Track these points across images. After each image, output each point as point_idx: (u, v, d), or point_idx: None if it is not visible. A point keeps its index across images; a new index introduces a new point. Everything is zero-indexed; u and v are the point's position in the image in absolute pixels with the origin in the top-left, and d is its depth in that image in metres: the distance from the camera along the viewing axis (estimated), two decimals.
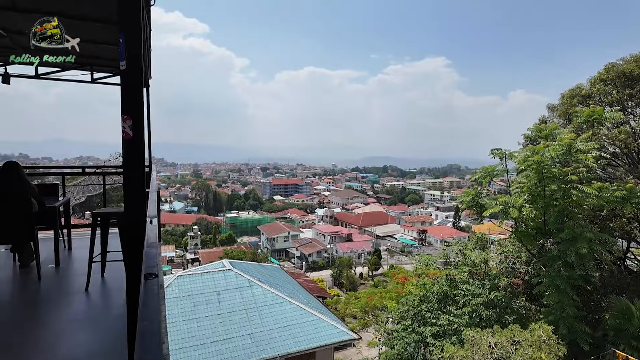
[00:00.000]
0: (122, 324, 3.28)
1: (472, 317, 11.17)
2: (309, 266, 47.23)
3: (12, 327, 3.21)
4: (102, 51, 5.45)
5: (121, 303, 3.77)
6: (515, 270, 13.07)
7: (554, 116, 15.96)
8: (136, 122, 1.77)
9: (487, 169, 12.56)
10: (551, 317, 10.00)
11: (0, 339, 2.87)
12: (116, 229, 4.18)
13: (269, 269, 21.65)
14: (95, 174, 6.71)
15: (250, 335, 12.55)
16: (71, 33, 4.65)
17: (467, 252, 13.64)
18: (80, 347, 2.88)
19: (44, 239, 5.06)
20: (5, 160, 4.78)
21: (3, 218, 4.11)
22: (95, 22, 4.07)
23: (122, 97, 1.77)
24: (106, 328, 3.23)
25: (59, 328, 3.23)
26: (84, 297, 3.83)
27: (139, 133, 1.78)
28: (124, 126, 1.76)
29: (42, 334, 3.15)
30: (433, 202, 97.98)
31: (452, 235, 53.28)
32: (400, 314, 13.72)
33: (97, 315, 3.55)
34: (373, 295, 24.08)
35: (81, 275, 4.27)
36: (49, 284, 4.25)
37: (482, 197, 12.36)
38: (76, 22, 4.15)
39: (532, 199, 10.98)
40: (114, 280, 4.19)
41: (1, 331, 3.02)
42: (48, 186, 5.65)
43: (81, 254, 5.19)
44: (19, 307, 3.69)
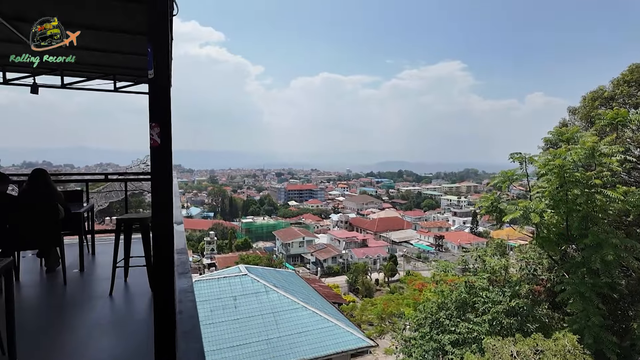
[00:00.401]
0: (146, 328, 3.34)
1: (493, 325, 10.92)
2: (324, 272, 47.09)
3: (40, 331, 3.29)
4: (125, 61, 5.61)
5: (144, 308, 3.83)
6: (537, 277, 12.74)
7: (575, 119, 15.59)
8: (164, 129, 1.80)
9: (507, 173, 12.31)
10: (576, 326, 9.68)
11: (28, 343, 2.95)
12: (139, 234, 4.26)
13: (284, 274, 21.69)
14: (117, 181, 6.89)
15: (267, 341, 12.56)
16: (97, 44, 4.82)
17: (486, 258, 13.37)
18: (105, 352, 2.94)
19: (68, 244, 5.20)
20: (28, 167, 4.95)
21: (31, 224, 4.25)
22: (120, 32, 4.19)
23: (150, 105, 1.81)
24: (130, 332, 3.28)
25: (84, 332, 3.30)
26: (108, 302, 3.91)
27: (167, 140, 1.81)
28: (152, 134, 1.80)
29: (69, 338, 3.22)
30: (450, 207, 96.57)
31: (469, 241, 52.32)
32: (417, 321, 13.51)
33: (121, 319, 3.61)
34: (390, 302, 23.77)
35: (105, 280, 4.36)
36: (74, 288, 4.36)
37: (502, 202, 12.12)
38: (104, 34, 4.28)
39: (554, 203, 10.70)
40: (137, 286, 4.27)
41: (30, 335, 3.10)
42: (73, 193, 5.82)
43: (104, 259, 5.31)
44: (46, 311, 3.80)
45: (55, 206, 4.30)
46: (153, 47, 1.80)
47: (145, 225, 4.11)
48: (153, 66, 1.80)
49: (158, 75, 1.80)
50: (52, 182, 4.80)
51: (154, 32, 1.82)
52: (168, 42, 1.83)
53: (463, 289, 12.62)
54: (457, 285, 13.61)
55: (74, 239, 5.27)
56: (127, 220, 4.16)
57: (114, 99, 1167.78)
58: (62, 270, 4.35)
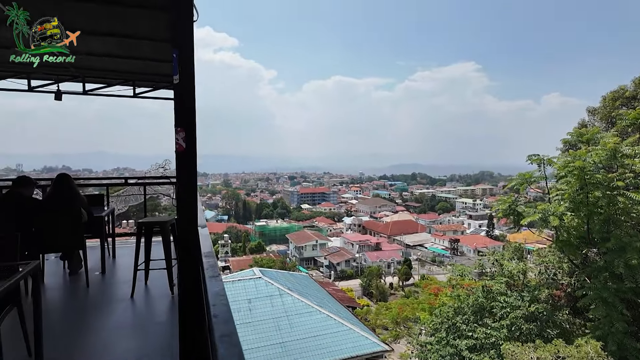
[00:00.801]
0: (167, 331, 3.38)
1: (511, 331, 10.69)
2: (337, 275, 46.93)
3: (65, 333, 3.36)
4: (144, 67, 5.72)
5: (164, 310, 3.88)
6: (557, 282, 12.44)
7: (595, 120, 15.24)
8: (189, 134, 1.84)
9: (524, 175, 12.09)
10: (598, 332, 9.40)
11: (54, 344, 3.01)
12: (158, 237, 4.32)
13: (298, 277, 21.71)
14: (136, 185, 7.05)
15: (281, 344, 12.57)
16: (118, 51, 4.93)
17: (503, 262, 13.12)
18: (129, 353, 2.98)
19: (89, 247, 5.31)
20: (48, 172, 5.09)
21: (55, 228, 4.36)
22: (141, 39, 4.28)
23: (176, 110, 1.84)
24: (153, 335, 3.33)
25: (107, 334, 3.36)
26: (130, 304, 3.98)
27: (192, 145, 1.84)
28: (177, 138, 1.83)
29: (93, 340, 3.28)
30: (465, 210, 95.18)
31: (485, 245, 51.52)
32: (433, 326, 13.33)
33: (143, 322, 3.67)
34: (405, 306, 23.54)
35: (125, 282, 4.44)
36: (97, 290, 4.45)
37: (520, 204, 11.89)
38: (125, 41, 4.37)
39: (574, 206, 10.45)
40: (157, 288, 4.33)
41: (55, 336, 3.17)
42: (95, 197, 5.96)
43: (124, 262, 5.41)
44: (70, 313, 3.88)
45: (79, 210, 4.40)
46: (178, 53, 1.83)
47: (165, 229, 4.17)
48: (178, 71, 1.83)
49: (183, 81, 1.84)
50: (76, 186, 4.92)
51: (179, 39, 1.86)
52: (192, 48, 1.87)
53: (480, 294, 12.40)
54: (473, 289, 13.38)
55: (95, 242, 5.38)
56: (147, 224, 4.23)
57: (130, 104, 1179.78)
58: (85, 273, 4.44)
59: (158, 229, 4.21)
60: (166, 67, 5.38)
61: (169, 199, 7.96)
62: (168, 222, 4.23)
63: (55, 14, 3.76)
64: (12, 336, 2.80)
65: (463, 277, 14.47)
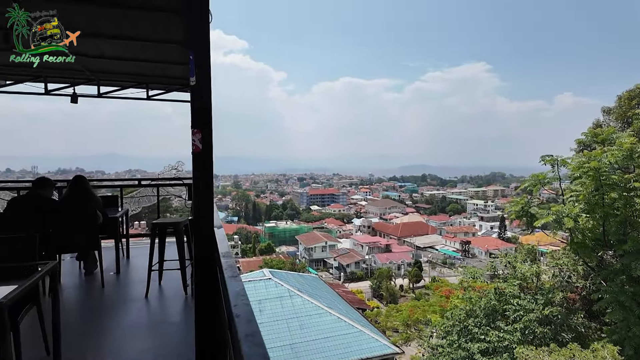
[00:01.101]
0: (182, 331, 3.41)
1: (525, 334, 10.54)
2: (347, 277, 46.79)
3: (82, 332, 3.41)
4: (157, 69, 5.80)
5: (178, 311, 3.92)
6: (571, 285, 12.22)
7: (610, 119, 14.97)
8: (205, 135, 1.85)
9: (537, 176, 11.92)
10: (615, 336, 9.22)
11: (71, 343, 3.04)
12: (172, 238, 4.36)
13: (308, 279, 21.70)
14: (149, 186, 7.14)
15: (291, 345, 12.56)
16: (131, 54, 5.00)
17: (516, 264, 12.95)
18: (145, 353, 3.00)
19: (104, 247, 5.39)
20: (62, 174, 5.17)
21: (72, 229, 4.43)
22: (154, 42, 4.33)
23: (192, 111, 1.86)
24: (167, 335, 3.36)
25: (122, 334, 3.40)
26: (144, 304, 4.02)
27: (208, 146, 1.86)
28: (194, 139, 1.85)
29: (109, 339, 3.32)
30: (476, 211, 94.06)
31: (497, 247, 50.83)
32: (445, 329, 13.21)
33: (157, 322, 3.70)
34: (415, 309, 23.36)
35: (139, 282, 4.49)
36: (112, 290, 4.51)
37: (533, 206, 11.73)
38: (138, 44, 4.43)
39: (589, 208, 10.26)
40: (171, 289, 4.38)
41: (72, 336, 3.20)
42: (109, 198, 6.05)
43: (138, 262, 5.47)
44: (87, 313, 3.94)
45: (95, 212, 4.48)
46: (194, 55, 1.85)
47: (179, 230, 4.21)
48: (195, 73, 1.85)
49: (199, 83, 1.86)
50: (91, 188, 5.00)
51: (195, 41, 1.88)
52: (208, 50, 1.89)
53: (492, 296, 12.26)
54: (486, 292, 13.23)
55: (110, 243, 5.46)
56: (161, 225, 4.28)
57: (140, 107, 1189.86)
58: (100, 273, 4.51)
59: (172, 229, 4.25)
60: (179, 69, 5.44)
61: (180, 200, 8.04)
62: (181, 223, 4.27)
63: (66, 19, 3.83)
64: (31, 335, 2.85)
65: (475, 279, 14.34)
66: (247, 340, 0.80)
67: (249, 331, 0.85)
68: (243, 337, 0.81)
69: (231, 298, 1.04)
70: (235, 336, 0.88)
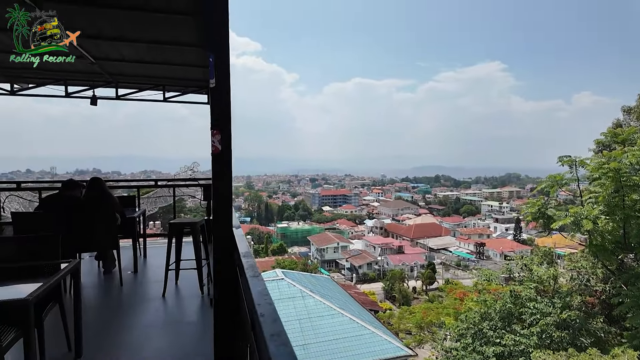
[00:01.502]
0: (199, 330, 3.46)
1: (542, 338, 10.33)
2: (359, 278, 46.62)
3: (101, 330, 3.48)
4: (173, 72, 5.89)
5: (195, 310, 3.98)
6: (590, 288, 11.94)
7: (631, 119, 14.59)
8: (225, 136, 1.88)
9: (555, 177, 11.69)
10: (636, 341, 8.96)
11: (91, 341, 3.11)
12: (188, 238, 4.42)
13: (320, 279, 21.70)
14: (166, 186, 7.26)
15: (304, 346, 12.57)
16: (149, 57, 5.09)
17: (533, 267, 12.71)
18: (163, 352, 3.05)
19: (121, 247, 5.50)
20: (80, 174, 5.30)
21: (91, 228, 4.54)
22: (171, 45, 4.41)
23: (212, 113, 1.89)
24: (184, 334, 3.40)
25: (141, 332, 3.46)
26: (162, 304, 4.09)
27: (227, 147, 1.89)
28: (213, 140, 1.88)
29: (129, 337, 3.38)
30: (491, 213, 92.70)
31: (512, 249, 49.97)
32: (459, 332, 13.03)
33: (175, 321, 3.76)
34: (429, 311, 23.10)
35: (157, 282, 4.57)
36: (130, 289, 4.60)
37: (550, 207, 11.50)
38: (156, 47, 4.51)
39: (608, 209, 10.02)
40: (187, 288, 4.44)
41: (92, 333, 3.26)
42: (127, 198, 6.17)
43: (155, 262, 5.57)
44: (106, 311, 4.02)
45: (113, 212, 4.58)
46: (214, 58, 1.88)
47: (195, 230, 4.27)
48: (214, 75, 1.88)
49: (219, 84, 1.88)
50: (108, 189, 5.11)
51: (215, 43, 1.90)
52: (228, 52, 1.91)
53: (508, 299, 12.05)
54: (501, 294, 13.02)
55: (127, 243, 5.56)
56: (178, 225, 4.34)
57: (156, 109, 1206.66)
58: (119, 272, 4.60)
59: (188, 229, 4.31)
60: (196, 71, 5.52)
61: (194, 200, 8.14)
62: (198, 223, 4.33)
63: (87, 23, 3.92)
64: (54, 332, 2.92)
65: (490, 281, 14.11)
66: (273, 340, 0.81)
67: (274, 330, 0.86)
68: (269, 337, 0.82)
69: (254, 297, 1.05)
70: (260, 336, 0.89)
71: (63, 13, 3.42)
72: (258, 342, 1.04)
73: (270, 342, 0.80)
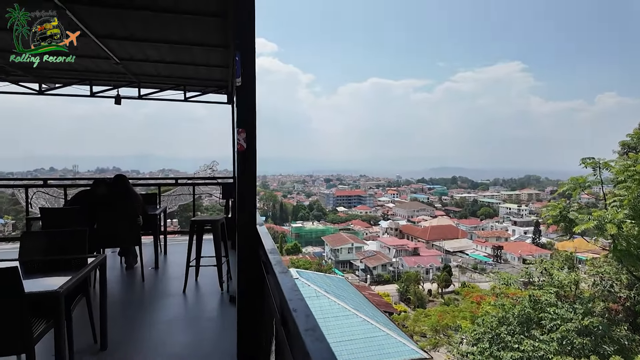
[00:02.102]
0: (219, 326, 3.51)
1: (562, 345, 10.07)
2: (373, 279, 46.38)
3: (125, 324, 3.56)
4: (195, 72, 6.00)
5: (214, 307, 4.04)
6: (614, 295, 11.58)
7: None
8: (249, 134, 1.90)
9: (577, 179, 11.37)
10: None
11: (115, 334, 3.19)
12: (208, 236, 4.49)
13: (334, 280, 21.68)
14: (186, 185, 7.42)
15: None
16: (173, 57, 5.19)
17: (553, 271, 12.40)
18: (187, 347, 3.10)
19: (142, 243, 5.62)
20: (101, 173, 5.46)
21: (115, 225, 4.66)
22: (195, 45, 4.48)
23: (238, 111, 1.92)
24: (205, 329, 3.46)
25: (164, 327, 3.53)
26: (182, 299, 4.17)
27: (252, 145, 1.91)
28: (238, 138, 1.91)
29: (151, 332, 3.45)
30: (509, 216, 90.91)
31: (531, 253, 48.93)
32: (475, 336, 12.81)
33: (196, 317, 3.82)
34: (444, 314, 22.81)
35: (177, 278, 4.66)
36: (151, 285, 4.71)
37: (572, 210, 11.20)
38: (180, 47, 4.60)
39: (634, 213, 9.69)
40: (207, 285, 4.52)
41: (116, 327, 3.34)
42: (149, 196, 6.32)
43: (175, 259, 5.68)
44: (129, 305, 4.12)
45: (135, 209, 4.69)
46: (241, 56, 1.91)
47: (216, 227, 4.34)
48: (241, 74, 1.90)
49: (245, 83, 1.91)
50: (132, 186, 5.24)
51: (242, 42, 1.92)
52: (254, 50, 1.93)
53: (527, 304, 11.79)
54: (520, 299, 12.75)
55: (148, 239, 5.68)
56: (199, 222, 4.42)
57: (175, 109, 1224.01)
58: (141, 268, 4.71)
59: (209, 227, 4.38)
60: (216, 71, 5.60)
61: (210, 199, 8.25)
62: (219, 220, 4.40)
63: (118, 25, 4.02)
64: (80, 324, 3.01)
65: (508, 285, 13.84)
66: (308, 335, 0.81)
67: (308, 326, 0.87)
68: (303, 332, 0.83)
69: (286, 293, 1.07)
70: (294, 332, 0.90)
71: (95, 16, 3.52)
72: (291, 338, 1.05)
73: (306, 338, 0.81)
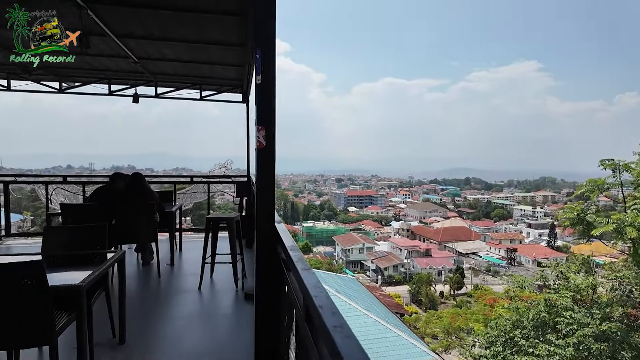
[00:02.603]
0: (235, 322, 3.54)
1: (579, 350, 9.87)
2: (384, 280, 46.16)
3: (142, 319, 3.62)
4: (211, 71, 6.05)
5: (229, 303, 4.08)
6: (633, 300, 11.27)
7: None
8: (269, 132, 1.91)
9: (596, 181, 11.13)
10: None
11: (133, 329, 3.24)
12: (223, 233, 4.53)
13: (345, 280, 21.65)
14: (201, 183, 7.52)
15: None
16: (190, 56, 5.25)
17: (569, 275, 12.15)
18: (204, 342, 3.14)
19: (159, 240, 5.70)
20: (114, 170, 5.57)
21: (132, 221, 4.74)
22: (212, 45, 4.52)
23: (258, 109, 1.93)
24: (222, 325, 3.50)
25: (180, 323, 3.58)
26: (198, 296, 4.22)
27: (271, 142, 1.92)
28: (258, 136, 1.92)
29: (168, 327, 3.50)
30: (523, 218, 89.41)
31: (546, 256, 47.97)
32: (489, 339, 12.64)
33: (212, 313, 3.87)
34: (457, 316, 22.56)
35: (192, 274, 4.71)
36: (167, 281, 4.78)
37: (590, 213, 10.96)
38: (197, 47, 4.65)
39: None
40: (222, 282, 4.56)
41: (133, 322, 3.39)
42: (165, 193, 6.41)
43: (190, 256, 5.75)
44: (145, 301, 4.18)
45: (152, 206, 4.77)
46: (262, 54, 1.91)
47: (232, 225, 4.37)
48: (261, 72, 1.91)
49: (265, 81, 1.92)
50: (148, 184, 5.32)
51: (262, 40, 1.93)
52: (274, 48, 1.94)
53: (542, 307, 11.58)
54: (534, 302, 12.53)
55: (164, 236, 5.76)
56: (215, 219, 4.47)
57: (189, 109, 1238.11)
58: (157, 264, 4.78)
59: (224, 224, 4.42)
60: (231, 70, 5.64)
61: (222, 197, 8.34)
62: (234, 218, 4.44)
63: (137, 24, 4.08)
64: (99, 318, 3.07)
65: (523, 288, 13.62)
66: (337, 332, 0.81)
67: (336, 323, 0.87)
68: (332, 328, 0.83)
69: (310, 290, 1.07)
70: (322, 329, 0.90)
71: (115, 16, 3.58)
72: (316, 335, 1.05)
73: (335, 334, 0.80)
